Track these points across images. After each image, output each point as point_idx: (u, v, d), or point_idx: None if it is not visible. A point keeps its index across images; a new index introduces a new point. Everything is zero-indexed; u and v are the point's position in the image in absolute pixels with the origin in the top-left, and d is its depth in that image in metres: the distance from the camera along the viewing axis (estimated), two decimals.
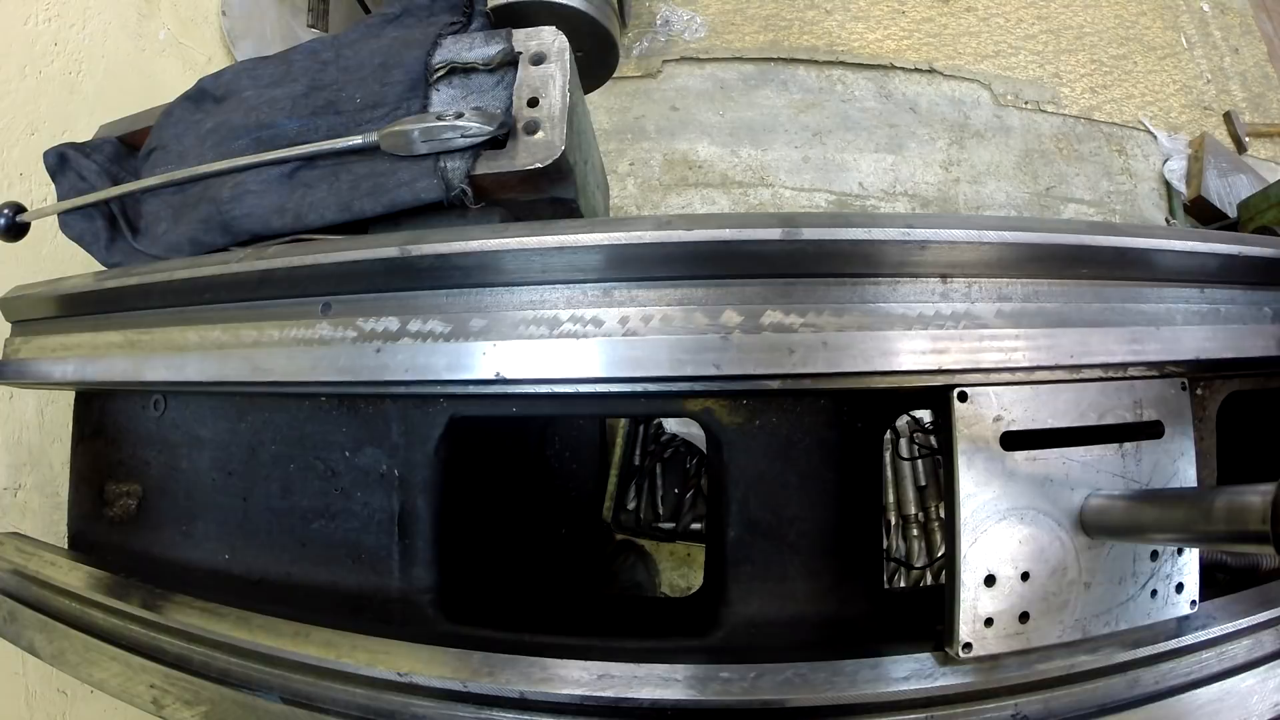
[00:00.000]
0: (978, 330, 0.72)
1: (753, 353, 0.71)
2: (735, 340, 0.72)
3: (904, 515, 2.10)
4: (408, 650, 0.74)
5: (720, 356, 0.72)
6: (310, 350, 0.82)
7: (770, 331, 0.71)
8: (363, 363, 0.78)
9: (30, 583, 0.98)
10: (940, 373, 0.71)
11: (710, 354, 0.72)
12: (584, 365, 0.73)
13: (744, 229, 0.69)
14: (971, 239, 0.69)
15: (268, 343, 0.84)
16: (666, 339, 0.72)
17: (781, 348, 0.70)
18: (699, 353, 0.72)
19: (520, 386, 0.75)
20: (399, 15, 1.07)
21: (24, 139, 1.60)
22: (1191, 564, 0.73)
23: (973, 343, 0.69)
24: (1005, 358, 0.72)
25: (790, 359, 0.70)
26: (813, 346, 0.70)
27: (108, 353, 0.97)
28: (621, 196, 2.74)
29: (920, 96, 2.98)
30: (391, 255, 0.75)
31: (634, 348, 0.73)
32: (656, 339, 0.73)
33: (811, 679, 0.68)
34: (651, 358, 0.73)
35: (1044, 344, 0.74)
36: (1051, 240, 0.72)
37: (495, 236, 0.73)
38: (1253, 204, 2.57)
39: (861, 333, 0.71)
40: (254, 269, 0.83)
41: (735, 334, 0.72)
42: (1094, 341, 0.75)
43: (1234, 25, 3.35)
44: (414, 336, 0.79)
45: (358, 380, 0.79)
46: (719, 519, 0.78)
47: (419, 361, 0.76)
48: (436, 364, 0.76)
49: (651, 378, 0.73)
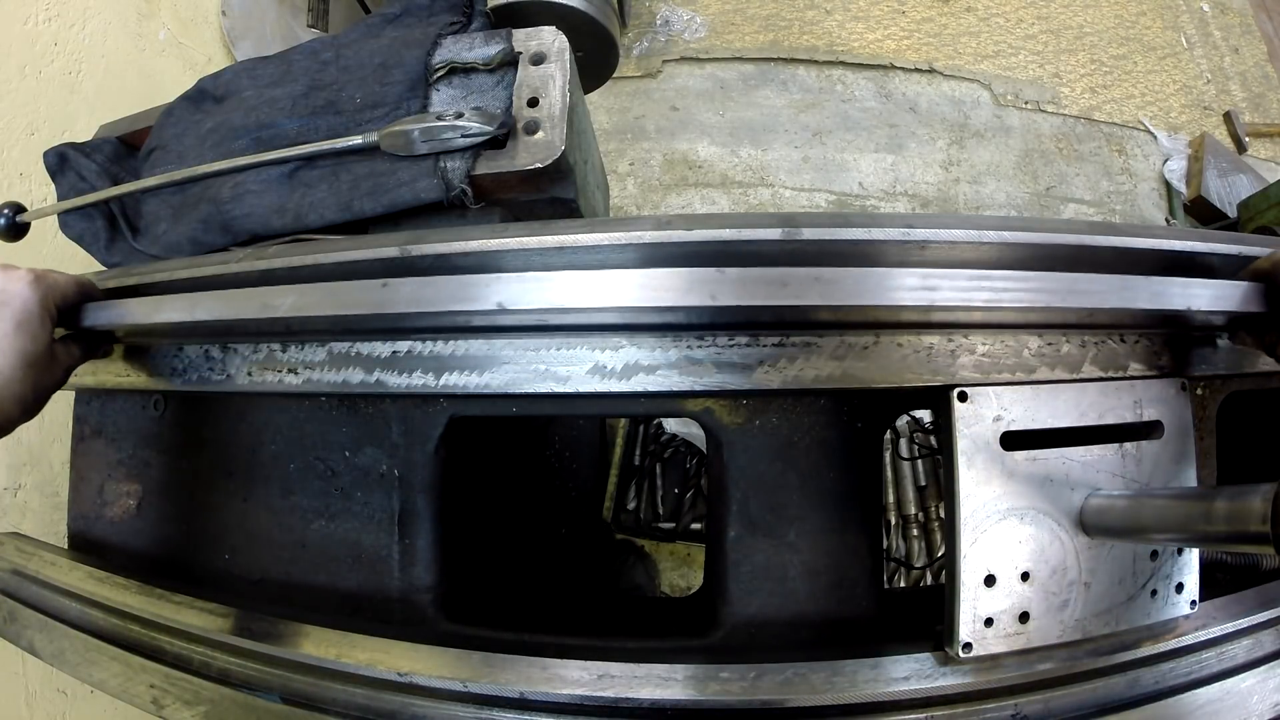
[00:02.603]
0: (978, 330, 0.72)
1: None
2: (735, 340, 0.73)
3: (904, 515, 2.10)
4: (408, 650, 0.74)
5: (720, 356, 0.72)
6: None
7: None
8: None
9: (30, 583, 0.98)
10: (940, 373, 0.71)
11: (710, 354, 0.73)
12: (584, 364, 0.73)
13: (744, 229, 0.68)
14: (971, 239, 0.69)
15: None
16: (666, 339, 0.72)
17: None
18: (698, 353, 0.72)
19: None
20: (399, 15, 1.07)
21: (24, 139, 1.61)
22: (1191, 564, 0.73)
23: (973, 341, 0.69)
24: (1005, 358, 0.73)
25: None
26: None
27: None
28: (621, 196, 2.74)
29: (920, 96, 2.98)
30: (391, 255, 0.75)
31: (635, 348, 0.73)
32: (656, 339, 0.73)
33: (811, 679, 0.68)
34: (652, 357, 0.74)
35: (1044, 343, 0.74)
36: (1051, 240, 0.71)
37: (495, 236, 0.73)
38: (1253, 204, 2.57)
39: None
40: (254, 269, 0.83)
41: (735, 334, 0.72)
42: (1090, 330, 0.75)
43: (1234, 25, 3.36)
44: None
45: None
46: (719, 519, 0.78)
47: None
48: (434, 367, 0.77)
49: (652, 377, 0.74)
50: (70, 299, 0.85)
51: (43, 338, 0.80)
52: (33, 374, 0.79)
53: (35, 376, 0.79)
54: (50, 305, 0.81)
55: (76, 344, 0.88)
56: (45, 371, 0.81)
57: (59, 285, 0.83)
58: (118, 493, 1.03)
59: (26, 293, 0.79)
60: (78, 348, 0.88)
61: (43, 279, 0.81)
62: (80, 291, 0.87)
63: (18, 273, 0.80)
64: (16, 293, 0.78)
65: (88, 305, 0.87)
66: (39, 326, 0.79)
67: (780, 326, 0.72)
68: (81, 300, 0.87)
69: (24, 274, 0.80)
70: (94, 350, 0.92)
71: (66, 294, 0.84)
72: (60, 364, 0.85)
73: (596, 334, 0.74)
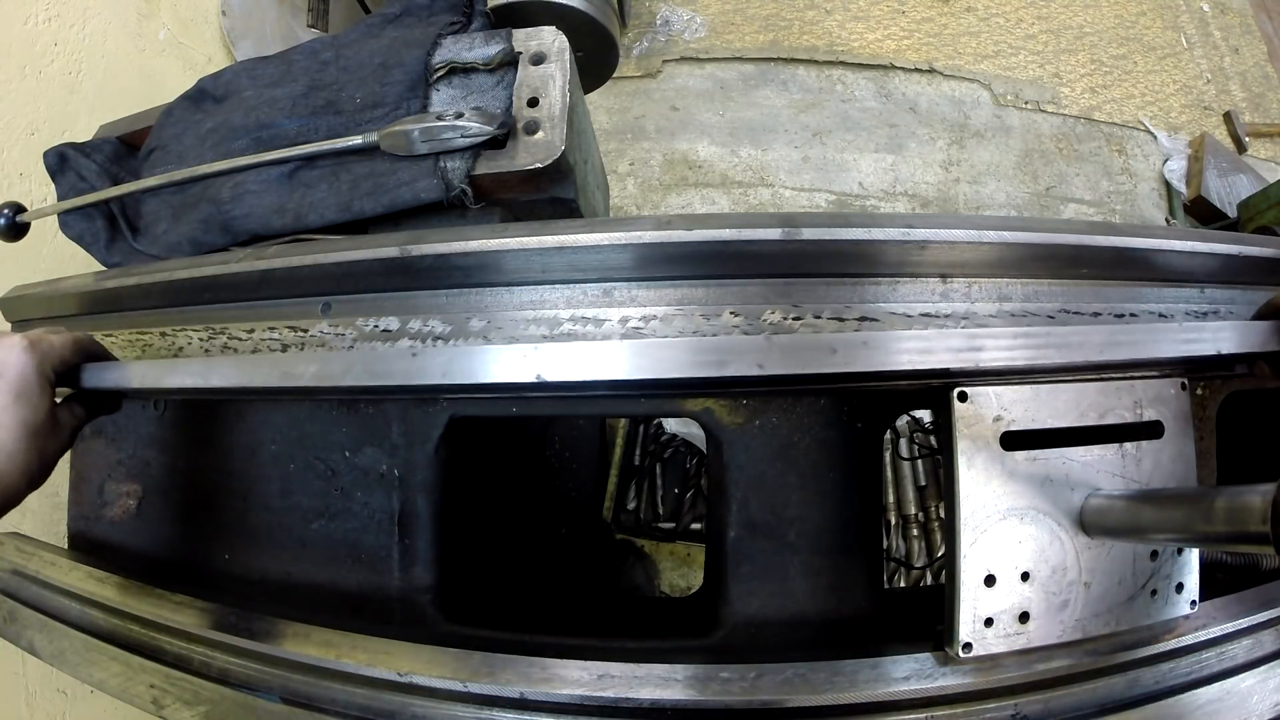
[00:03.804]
0: (978, 330, 0.72)
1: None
2: (734, 340, 0.72)
3: (904, 515, 2.10)
4: (408, 650, 0.74)
5: (720, 356, 0.72)
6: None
7: (770, 332, 0.71)
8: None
9: (30, 583, 0.98)
10: (940, 373, 0.71)
11: (709, 354, 0.72)
12: (584, 365, 0.73)
13: (744, 229, 0.69)
14: (971, 239, 0.69)
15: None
16: (666, 339, 0.72)
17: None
18: (698, 353, 0.72)
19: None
20: (399, 15, 1.07)
21: (24, 139, 1.60)
22: (1191, 564, 0.73)
23: (973, 342, 0.69)
24: (1005, 358, 0.72)
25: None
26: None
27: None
28: (621, 196, 2.74)
29: (920, 96, 2.98)
30: (391, 255, 0.75)
31: (635, 347, 0.73)
32: (656, 340, 0.73)
33: (811, 679, 0.68)
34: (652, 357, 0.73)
35: (1044, 344, 0.74)
36: (1051, 240, 0.72)
37: (495, 236, 0.73)
38: (1253, 204, 2.57)
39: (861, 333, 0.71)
40: (254, 269, 0.83)
41: (735, 334, 0.72)
42: (1094, 341, 0.75)
43: (1234, 25, 3.35)
44: (413, 337, 0.79)
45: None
46: (719, 519, 0.78)
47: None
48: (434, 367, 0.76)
49: (652, 380, 0.73)
50: (68, 361, 0.81)
51: (43, 405, 0.76)
52: (37, 443, 0.75)
53: (40, 445, 0.76)
54: (48, 370, 0.77)
55: (80, 404, 0.84)
56: (49, 438, 0.78)
57: (55, 348, 0.79)
58: (118, 493, 1.03)
59: (22, 360, 0.75)
60: (81, 408, 0.84)
61: (37, 344, 0.77)
62: (78, 351, 0.82)
63: (10, 340, 0.76)
64: (11, 362, 0.74)
65: (88, 366, 0.83)
66: (38, 394, 0.76)
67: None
68: (81, 360, 0.83)
69: (17, 340, 0.76)
70: (100, 408, 0.88)
71: (64, 356, 0.80)
72: (65, 428, 0.81)
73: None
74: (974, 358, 0.67)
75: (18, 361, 0.75)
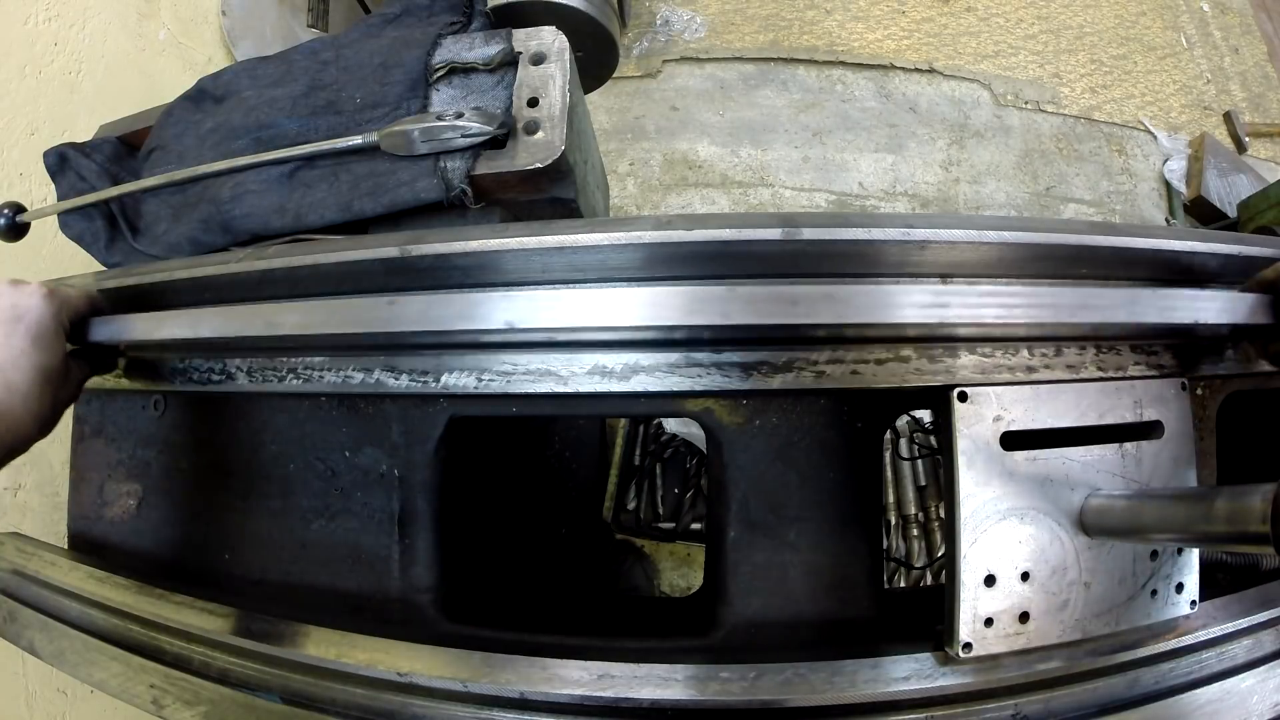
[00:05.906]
0: (978, 330, 0.72)
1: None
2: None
3: (904, 515, 2.10)
4: (408, 650, 0.74)
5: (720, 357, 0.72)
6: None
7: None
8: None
9: (30, 583, 0.98)
10: (940, 373, 0.71)
11: (710, 354, 0.72)
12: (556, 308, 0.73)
13: (744, 229, 0.68)
14: (971, 239, 0.69)
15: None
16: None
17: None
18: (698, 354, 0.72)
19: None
20: (399, 15, 1.07)
21: (24, 139, 1.61)
22: (1191, 564, 0.73)
23: (940, 299, 0.69)
24: (1005, 358, 0.72)
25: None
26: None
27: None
28: (621, 196, 2.74)
29: (920, 96, 2.98)
30: (391, 255, 0.75)
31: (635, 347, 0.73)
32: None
33: (811, 679, 0.68)
34: (652, 358, 0.73)
35: (1044, 344, 0.74)
36: (1051, 240, 0.71)
37: (495, 236, 0.73)
38: (1253, 204, 2.57)
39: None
40: (254, 269, 0.83)
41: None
42: (1094, 341, 0.75)
43: (1234, 25, 3.35)
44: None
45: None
46: (719, 519, 0.78)
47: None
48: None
49: (652, 377, 0.74)
50: (81, 312, 0.84)
51: (59, 352, 0.79)
52: (50, 389, 0.78)
53: (53, 392, 0.78)
54: (64, 319, 0.80)
55: (84, 359, 0.88)
56: (61, 386, 0.80)
57: (71, 299, 0.82)
58: (118, 493, 1.03)
59: (42, 306, 0.78)
60: (85, 363, 0.88)
61: (56, 293, 0.80)
62: (90, 305, 0.86)
63: (30, 287, 0.79)
64: (32, 306, 0.77)
65: (93, 320, 0.87)
66: (55, 340, 0.78)
67: (784, 342, 0.72)
68: (90, 314, 0.86)
69: (37, 288, 0.79)
70: (100, 366, 0.92)
71: (78, 307, 0.83)
72: (73, 378, 0.84)
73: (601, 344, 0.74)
74: (940, 314, 0.67)
75: (37, 307, 0.78)
